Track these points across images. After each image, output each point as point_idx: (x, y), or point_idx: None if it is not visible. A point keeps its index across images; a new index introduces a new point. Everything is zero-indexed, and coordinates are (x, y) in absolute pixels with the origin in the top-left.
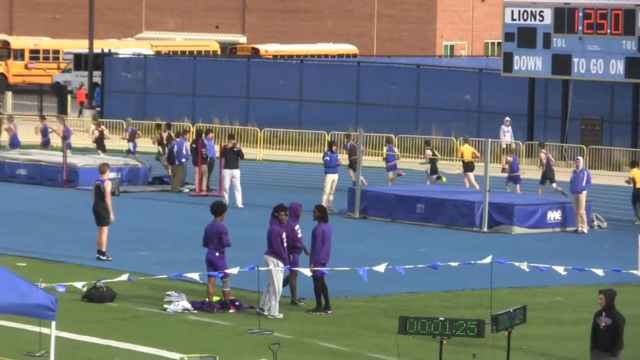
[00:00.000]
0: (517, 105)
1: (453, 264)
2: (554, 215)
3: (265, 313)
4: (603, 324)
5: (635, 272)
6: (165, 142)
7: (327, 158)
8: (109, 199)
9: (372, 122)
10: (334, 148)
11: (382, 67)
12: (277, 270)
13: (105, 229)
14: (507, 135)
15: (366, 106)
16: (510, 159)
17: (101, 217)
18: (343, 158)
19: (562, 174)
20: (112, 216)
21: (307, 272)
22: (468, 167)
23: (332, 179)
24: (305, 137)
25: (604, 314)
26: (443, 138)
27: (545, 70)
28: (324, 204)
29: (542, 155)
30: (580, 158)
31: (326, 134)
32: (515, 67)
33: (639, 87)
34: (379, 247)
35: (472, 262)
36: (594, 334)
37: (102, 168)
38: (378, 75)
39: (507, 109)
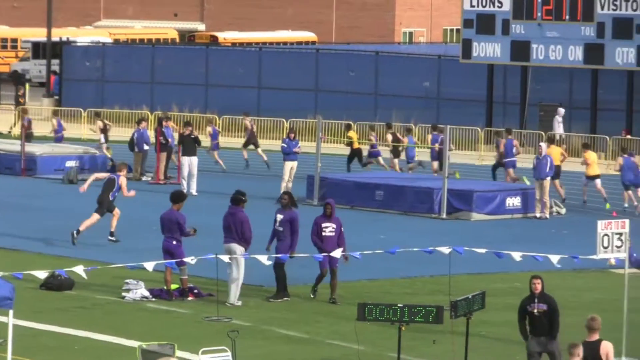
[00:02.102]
0: (476, 92)
1: (410, 249)
2: (513, 202)
3: (230, 301)
4: (538, 310)
5: (594, 257)
6: None
7: (285, 145)
8: (125, 193)
9: (331, 109)
10: (292, 135)
11: (341, 54)
12: (242, 257)
13: (106, 215)
14: (560, 127)
15: (325, 93)
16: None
17: (102, 208)
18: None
19: (521, 161)
20: (117, 210)
21: (264, 260)
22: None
23: (290, 166)
24: (264, 124)
25: (536, 300)
26: (403, 125)
27: (504, 57)
28: (283, 191)
29: (247, 123)
30: (543, 144)
31: (285, 121)
32: (474, 54)
33: (597, 73)
34: None
35: (431, 248)
36: (528, 321)
37: (120, 167)
38: (337, 62)
39: (466, 95)
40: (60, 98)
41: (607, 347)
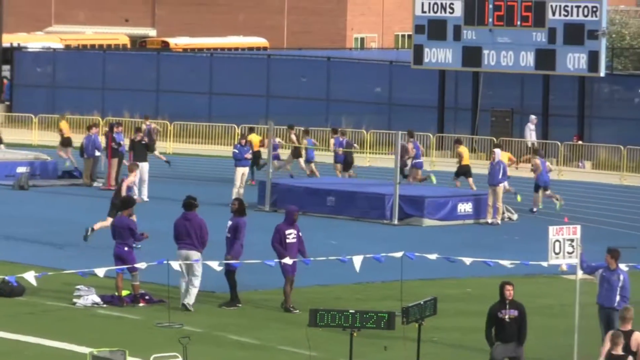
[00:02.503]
0: (427, 98)
1: (357, 258)
2: (465, 207)
3: (187, 301)
4: (509, 317)
5: (544, 264)
6: None
7: (236, 151)
8: (122, 192)
9: (282, 114)
10: (243, 141)
11: (293, 59)
12: (199, 263)
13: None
14: (532, 135)
15: (277, 99)
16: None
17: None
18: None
19: (474, 167)
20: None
21: (215, 265)
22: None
23: (242, 172)
24: (216, 130)
25: (508, 306)
26: (354, 130)
27: (456, 63)
28: (234, 197)
29: (144, 127)
30: (497, 150)
31: (236, 127)
32: (426, 60)
33: (548, 79)
34: None
35: (383, 254)
36: (495, 328)
37: (130, 167)
38: (288, 68)
39: (418, 101)
40: (11, 104)
41: (639, 338)
